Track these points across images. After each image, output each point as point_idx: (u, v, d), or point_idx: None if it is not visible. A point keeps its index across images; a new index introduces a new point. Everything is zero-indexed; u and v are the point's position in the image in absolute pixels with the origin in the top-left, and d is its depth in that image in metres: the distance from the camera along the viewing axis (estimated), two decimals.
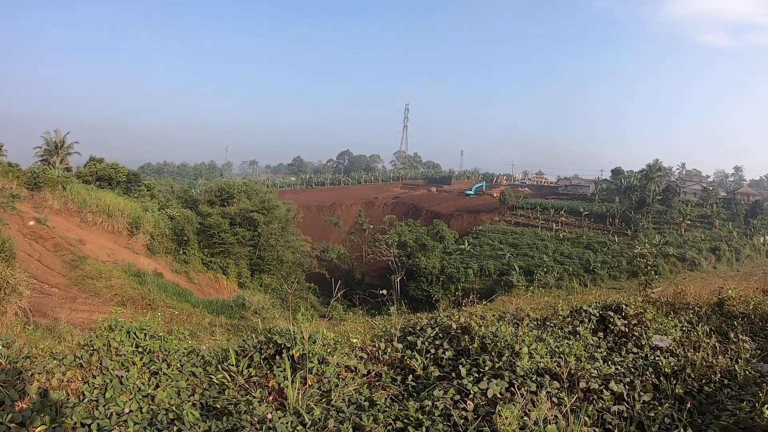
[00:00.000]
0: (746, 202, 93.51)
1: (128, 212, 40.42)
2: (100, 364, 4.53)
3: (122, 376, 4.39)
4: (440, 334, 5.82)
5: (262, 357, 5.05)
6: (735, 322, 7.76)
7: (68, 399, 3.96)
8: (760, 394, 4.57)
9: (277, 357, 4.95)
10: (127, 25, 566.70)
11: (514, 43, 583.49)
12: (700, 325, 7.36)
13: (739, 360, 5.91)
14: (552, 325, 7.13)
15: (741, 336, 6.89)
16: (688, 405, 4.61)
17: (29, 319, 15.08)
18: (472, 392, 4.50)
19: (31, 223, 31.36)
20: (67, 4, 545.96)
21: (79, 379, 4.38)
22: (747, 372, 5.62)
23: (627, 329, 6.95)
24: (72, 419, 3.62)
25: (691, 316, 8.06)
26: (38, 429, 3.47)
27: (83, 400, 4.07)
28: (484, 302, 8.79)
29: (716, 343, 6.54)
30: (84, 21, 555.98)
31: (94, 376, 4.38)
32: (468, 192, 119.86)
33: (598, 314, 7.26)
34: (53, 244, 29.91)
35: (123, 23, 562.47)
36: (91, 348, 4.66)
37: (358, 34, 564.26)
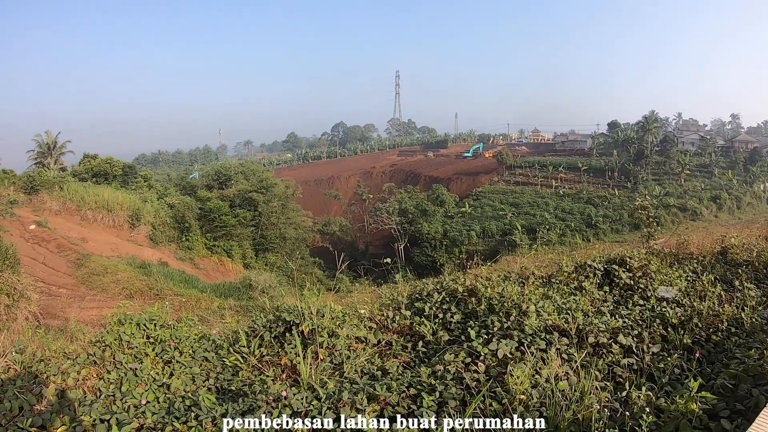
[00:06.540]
0: (744, 149, 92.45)
1: (127, 205, 40.29)
2: (114, 359, 4.57)
3: (136, 369, 4.43)
4: (447, 299, 5.83)
5: (273, 336, 5.07)
6: (739, 270, 7.81)
7: (85, 397, 4.01)
8: None
9: (287, 334, 4.97)
10: (104, 22, 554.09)
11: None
12: (704, 274, 7.39)
13: (745, 308, 5.95)
14: (557, 282, 7.17)
15: (746, 284, 6.94)
16: (697, 354, 4.65)
17: (40, 323, 15.24)
18: (482, 354, 4.53)
19: (32, 227, 31.39)
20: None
21: (94, 376, 4.41)
22: (753, 319, 5.67)
23: (632, 282, 6.98)
24: (91, 416, 3.67)
25: (695, 265, 8.10)
26: (58, 430, 3.52)
27: (100, 396, 4.12)
28: (488, 263, 8.82)
29: (721, 292, 6.58)
30: (60, 19, 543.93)
31: (108, 372, 4.42)
32: (466, 155, 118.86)
33: (602, 268, 7.29)
34: (56, 245, 29.96)
35: (96, 18, 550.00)
36: (103, 344, 4.69)
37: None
